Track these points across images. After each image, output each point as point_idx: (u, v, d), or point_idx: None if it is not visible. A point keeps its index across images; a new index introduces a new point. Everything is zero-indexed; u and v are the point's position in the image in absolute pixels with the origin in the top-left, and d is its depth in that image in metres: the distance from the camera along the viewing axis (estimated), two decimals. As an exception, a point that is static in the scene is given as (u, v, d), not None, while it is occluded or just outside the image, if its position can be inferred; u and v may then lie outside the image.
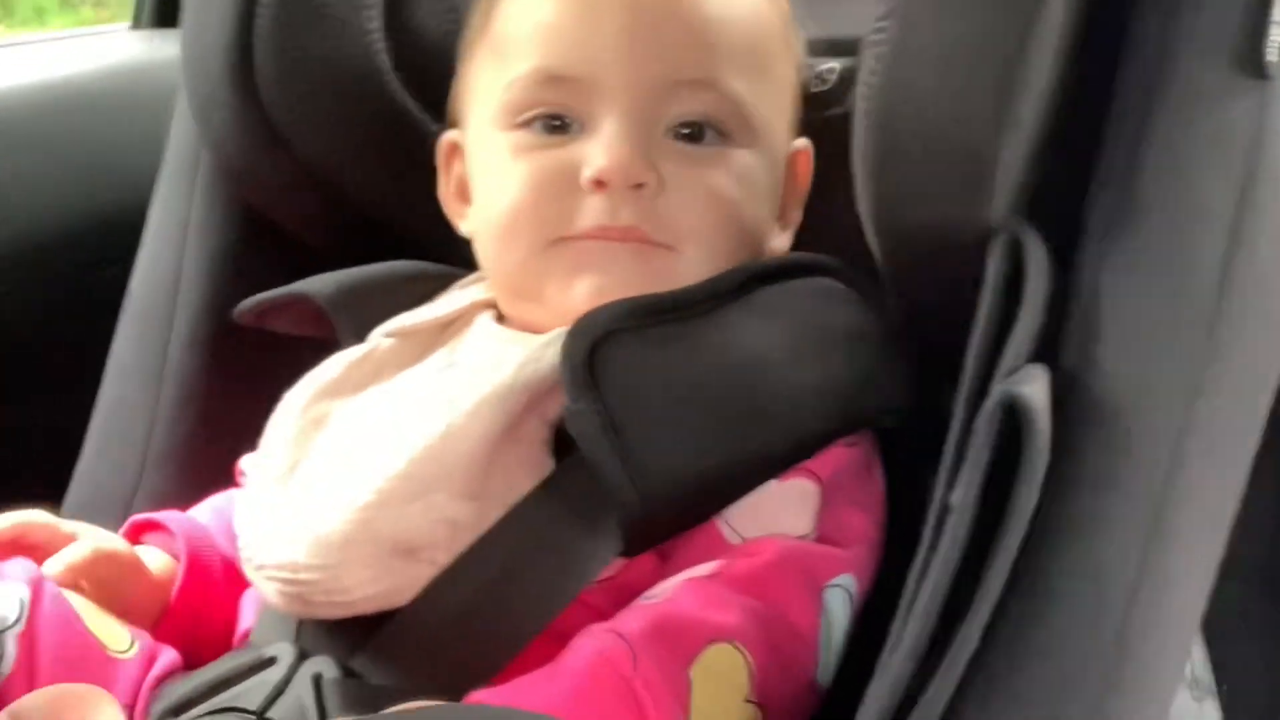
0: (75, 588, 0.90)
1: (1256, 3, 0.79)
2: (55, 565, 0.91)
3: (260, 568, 0.85)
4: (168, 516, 0.99)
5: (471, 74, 1.00)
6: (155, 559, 0.97)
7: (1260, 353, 0.80)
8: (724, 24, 0.92)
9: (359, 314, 0.99)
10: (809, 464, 0.86)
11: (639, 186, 0.89)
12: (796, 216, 1.01)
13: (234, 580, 0.96)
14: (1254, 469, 0.83)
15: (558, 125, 0.92)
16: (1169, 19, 0.80)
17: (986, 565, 0.71)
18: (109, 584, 0.92)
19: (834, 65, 1.11)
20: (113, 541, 0.95)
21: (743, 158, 0.93)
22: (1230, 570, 0.84)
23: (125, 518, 1.07)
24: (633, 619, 0.78)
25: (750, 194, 0.93)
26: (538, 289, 0.92)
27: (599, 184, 0.89)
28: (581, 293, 0.89)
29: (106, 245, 1.45)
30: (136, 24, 1.78)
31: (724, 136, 0.92)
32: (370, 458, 0.85)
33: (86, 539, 0.94)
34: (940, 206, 0.82)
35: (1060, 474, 0.75)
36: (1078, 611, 0.73)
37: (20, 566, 0.87)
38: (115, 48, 1.76)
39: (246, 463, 1.01)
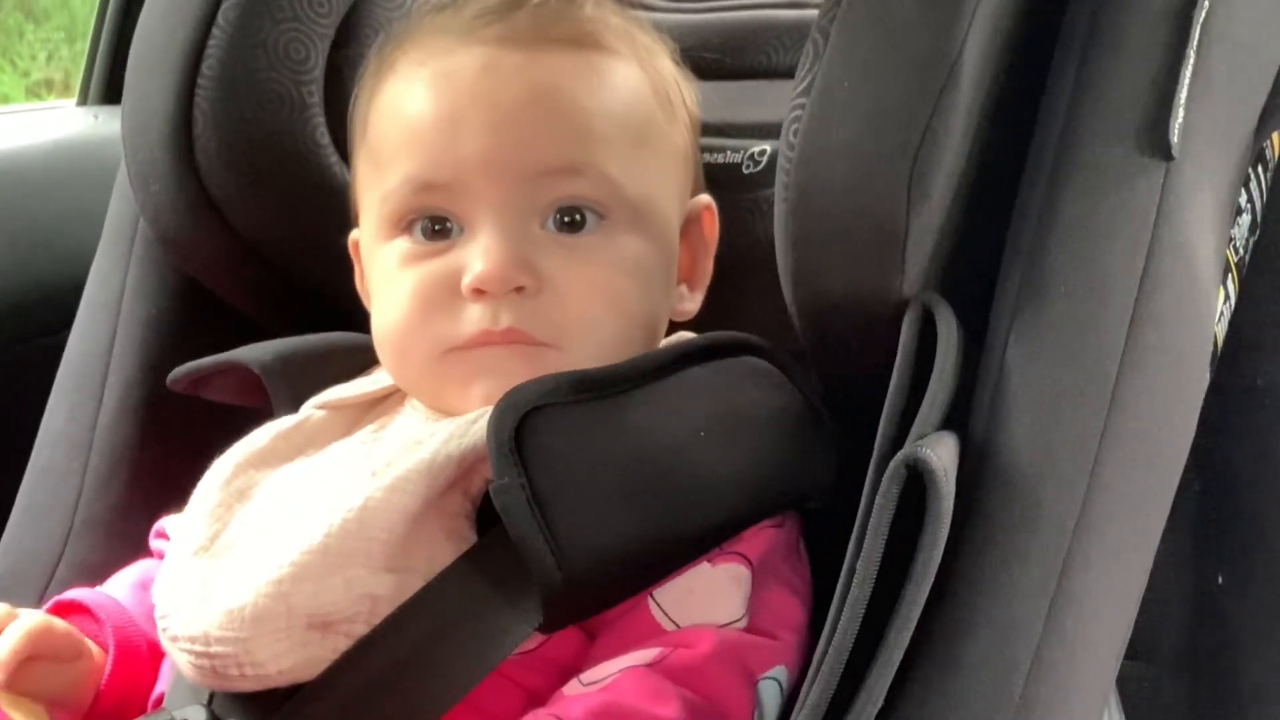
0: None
1: (1164, 85, 0.82)
2: None
3: (174, 639, 0.84)
4: (93, 601, 0.96)
5: (357, 182, 1.00)
6: None
7: (1166, 423, 0.82)
8: (589, 108, 0.92)
9: (294, 383, 0.99)
10: (739, 546, 0.86)
11: (519, 289, 0.90)
12: (705, 274, 1.02)
13: (160, 662, 0.94)
14: (1169, 548, 0.84)
15: (439, 229, 0.92)
16: (1076, 99, 0.83)
17: (889, 626, 0.72)
18: (38, 678, 0.88)
19: (765, 147, 1.13)
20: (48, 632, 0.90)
21: (626, 241, 0.93)
22: (1150, 651, 0.85)
23: (50, 584, 1.06)
24: (575, 707, 0.78)
25: (636, 278, 0.93)
26: (438, 396, 0.93)
27: (478, 292, 0.89)
28: (476, 398, 0.89)
29: (44, 317, 1.46)
30: (83, 100, 1.79)
31: (604, 218, 0.92)
32: (289, 531, 0.85)
33: (15, 630, 0.88)
34: (854, 278, 0.84)
35: (968, 537, 0.76)
36: (984, 671, 0.74)
37: None
38: (60, 123, 1.78)
39: (167, 523, 1.00)
